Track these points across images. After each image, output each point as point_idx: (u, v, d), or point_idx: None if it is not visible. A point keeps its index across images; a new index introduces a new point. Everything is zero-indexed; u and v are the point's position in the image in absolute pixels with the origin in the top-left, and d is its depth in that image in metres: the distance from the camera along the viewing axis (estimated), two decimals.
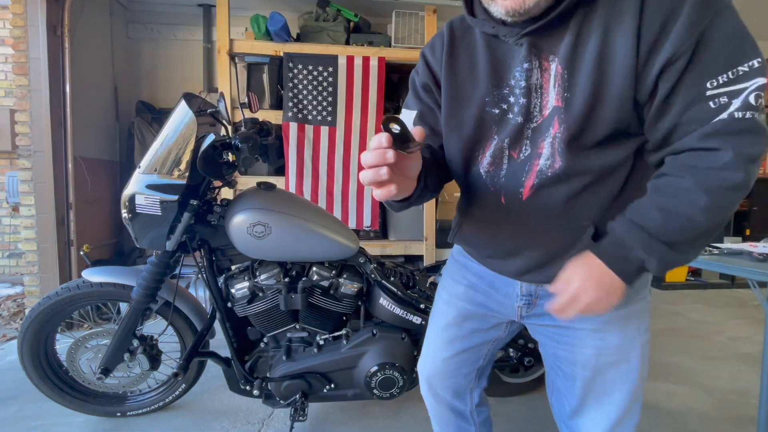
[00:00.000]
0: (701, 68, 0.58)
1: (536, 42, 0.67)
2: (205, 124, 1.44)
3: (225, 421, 1.71)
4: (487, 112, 0.73)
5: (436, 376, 0.96)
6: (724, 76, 0.57)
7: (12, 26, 2.56)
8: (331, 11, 2.99)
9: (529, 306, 0.83)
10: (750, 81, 0.57)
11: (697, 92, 0.59)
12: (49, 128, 2.60)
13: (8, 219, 3.64)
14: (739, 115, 0.57)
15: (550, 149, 0.68)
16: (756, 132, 0.57)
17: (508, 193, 0.74)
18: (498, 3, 0.64)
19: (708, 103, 0.58)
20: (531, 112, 0.69)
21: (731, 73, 0.57)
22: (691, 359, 2.35)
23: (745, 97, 0.57)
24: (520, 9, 0.62)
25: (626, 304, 0.76)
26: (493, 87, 0.72)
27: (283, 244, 1.42)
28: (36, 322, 1.54)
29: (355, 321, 1.58)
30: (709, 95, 0.58)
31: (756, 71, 0.57)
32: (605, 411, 0.78)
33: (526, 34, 0.66)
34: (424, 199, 0.78)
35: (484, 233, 0.82)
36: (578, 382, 0.79)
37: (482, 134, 0.75)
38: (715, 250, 1.56)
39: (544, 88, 0.67)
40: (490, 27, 0.70)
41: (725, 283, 3.90)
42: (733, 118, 0.57)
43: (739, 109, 0.57)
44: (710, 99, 0.58)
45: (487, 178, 0.76)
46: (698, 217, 0.60)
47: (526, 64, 0.68)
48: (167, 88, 3.86)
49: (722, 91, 0.57)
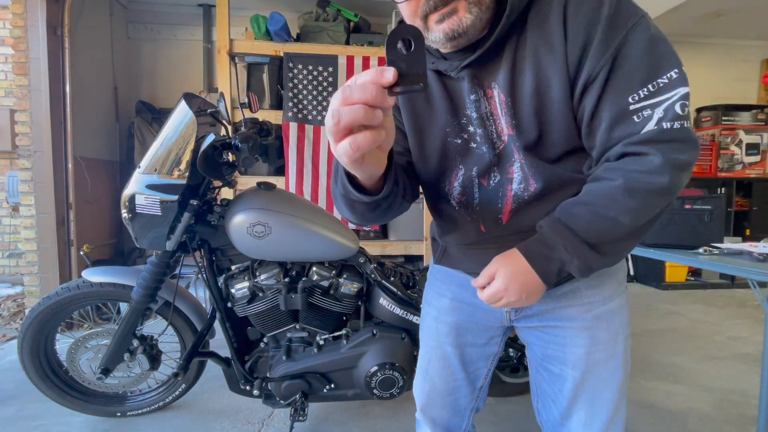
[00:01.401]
0: (622, 84, 0.59)
1: (476, 73, 0.67)
2: (205, 124, 1.44)
3: (225, 421, 1.71)
4: (450, 142, 0.73)
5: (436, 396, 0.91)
6: (645, 90, 0.58)
7: (12, 26, 2.56)
8: (331, 11, 2.99)
9: (518, 309, 0.82)
10: (672, 91, 0.57)
11: (619, 108, 0.59)
12: (49, 128, 2.60)
13: (8, 219, 3.64)
14: (667, 125, 0.57)
15: (521, 173, 0.69)
16: (685, 141, 0.58)
17: (486, 221, 0.74)
18: (434, 30, 0.62)
19: (632, 117, 0.59)
20: (491, 139, 0.69)
21: (651, 86, 0.58)
22: (691, 359, 2.35)
23: (670, 106, 0.57)
24: (458, 29, 0.61)
25: (613, 298, 0.77)
26: (452, 117, 0.72)
27: (283, 244, 1.42)
28: (36, 322, 1.54)
29: (355, 321, 1.58)
30: (632, 110, 0.59)
31: (676, 81, 0.58)
32: (596, 413, 0.77)
33: (465, 67, 0.66)
34: (394, 204, 0.69)
35: (471, 255, 0.81)
36: (568, 383, 0.78)
37: (447, 165, 0.75)
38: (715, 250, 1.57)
39: (495, 115, 0.68)
40: (430, 63, 0.70)
41: (725, 283, 3.90)
42: (662, 128, 0.58)
43: (667, 120, 0.57)
44: (634, 113, 0.59)
45: (461, 208, 0.76)
46: (623, 218, 0.60)
47: (473, 95, 0.68)
48: (167, 88, 3.86)
49: (645, 104, 0.58)
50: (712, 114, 4.22)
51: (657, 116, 0.58)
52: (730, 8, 3.63)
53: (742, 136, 4.04)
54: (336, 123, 0.41)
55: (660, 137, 0.58)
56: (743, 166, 4.05)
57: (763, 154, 4.07)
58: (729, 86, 4.59)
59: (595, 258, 0.63)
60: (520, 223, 0.72)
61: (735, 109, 4.15)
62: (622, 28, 0.58)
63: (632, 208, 0.60)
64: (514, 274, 0.66)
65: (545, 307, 0.79)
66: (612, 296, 0.77)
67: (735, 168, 4.05)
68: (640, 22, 0.59)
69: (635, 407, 1.85)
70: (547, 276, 0.65)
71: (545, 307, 0.79)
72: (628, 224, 0.61)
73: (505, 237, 0.74)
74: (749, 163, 4.06)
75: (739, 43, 4.50)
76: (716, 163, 3.99)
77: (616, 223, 0.61)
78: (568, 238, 0.63)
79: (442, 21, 0.61)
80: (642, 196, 0.60)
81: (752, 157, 4.06)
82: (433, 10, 0.60)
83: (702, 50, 4.50)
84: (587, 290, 0.76)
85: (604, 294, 0.76)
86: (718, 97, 4.44)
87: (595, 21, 0.59)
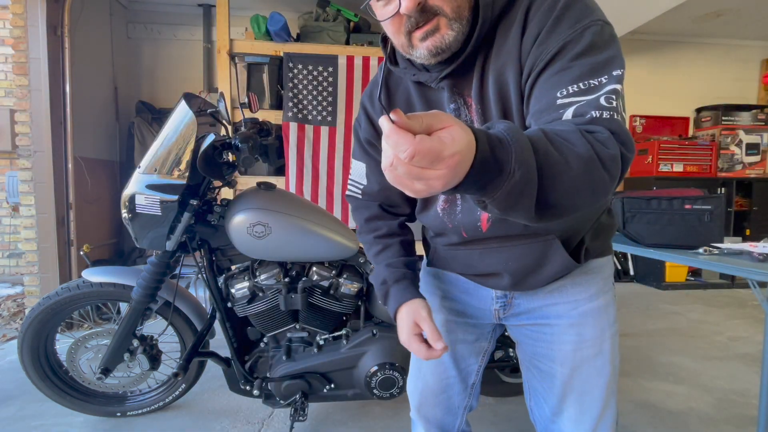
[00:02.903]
0: (554, 79, 0.58)
1: (454, 83, 0.69)
2: (205, 124, 1.44)
3: (225, 421, 1.71)
4: None
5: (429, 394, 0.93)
6: (575, 86, 0.56)
7: (12, 26, 2.56)
8: (331, 11, 2.99)
9: (506, 307, 0.84)
10: (601, 91, 0.55)
11: (546, 101, 0.58)
12: (49, 128, 2.60)
13: (8, 219, 3.64)
14: (596, 114, 0.54)
15: None
16: (617, 132, 0.53)
17: (468, 228, 0.76)
18: (418, 48, 0.64)
19: (558, 111, 0.56)
20: None
21: (582, 84, 0.56)
22: (691, 359, 2.35)
23: (595, 98, 0.54)
24: (441, 45, 0.63)
25: (599, 296, 0.78)
26: None
27: (283, 244, 1.42)
28: (36, 322, 1.54)
29: (355, 321, 1.58)
30: (558, 104, 0.57)
31: (611, 80, 0.55)
32: (586, 409, 0.78)
33: (444, 78, 0.68)
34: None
35: (457, 256, 0.83)
36: (557, 381, 0.80)
37: None
38: (715, 250, 1.57)
39: (474, 123, 0.69)
40: (412, 74, 0.72)
41: (725, 283, 3.90)
42: (593, 117, 0.54)
43: (593, 108, 0.54)
44: (560, 108, 0.56)
45: (444, 216, 0.78)
46: (573, 162, 0.49)
47: (453, 105, 0.70)
48: (167, 88, 3.86)
49: (572, 100, 0.56)
50: (712, 114, 4.22)
51: (579, 104, 0.55)
52: (730, 8, 3.63)
53: (742, 136, 4.04)
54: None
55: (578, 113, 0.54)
56: (743, 166, 4.05)
57: (763, 154, 4.07)
58: (729, 86, 4.59)
59: (532, 187, 0.47)
60: (498, 231, 0.73)
61: (735, 109, 4.15)
62: (567, 27, 0.58)
63: (585, 158, 0.50)
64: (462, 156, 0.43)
65: (533, 305, 0.81)
66: (598, 294, 0.78)
67: (735, 168, 4.05)
68: (591, 25, 0.58)
69: (635, 407, 1.85)
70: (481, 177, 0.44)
71: (533, 305, 0.81)
72: (575, 172, 0.49)
73: (487, 240, 0.76)
74: (749, 163, 4.06)
75: (739, 43, 4.50)
76: (716, 163, 3.99)
77: (567, 164, 0.49)
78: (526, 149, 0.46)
79: (426, 39, 0.62)
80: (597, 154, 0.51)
81: (752, 157, 4.06)
82: (415, 27, 0.62)
83: (702, 50, 4.50)
84: (573, 288, 0.78)
85: (590, 291, 0.78)
86: (718, 97, 4.44)
87: (546, 19, 0.60)
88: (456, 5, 0.61)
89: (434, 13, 0.61)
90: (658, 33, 4.33)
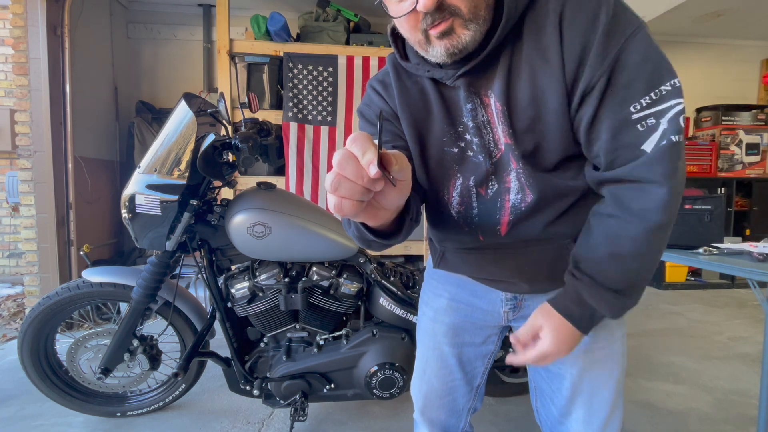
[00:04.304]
0: (623, 93, 0.58)
1: (472, 82, 0.67)
2: (205, 124, 1.44)
3: (225, 421, 1.71)
4: (446, 151, 0.72)
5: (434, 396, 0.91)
6: (647, 98, 0.57)
7: (12, 26, 2.56)
8: (331, 11, 2.99)
9: (515, 309, 0.82)
10: (673, 100, 0.57)
11: (622, 117, 0.59)
12: (49, 128, 2.60)
13: (8, 219, 3.64)
14: (675, 139, 0.57)
15: (517, 183, 0.69)
16: (682, 156, 0.59)
17: (485, 232, 0.74)
18: (436, 45, 0.62)
19: (636, 126, 0.58)
20: (488, 148, 0.69)
21: (654, 94, 0.57)
22: (691, 359, 2.35)
23: (674, 117, 0.57)
24: (459, 45, 0.61)
25: None
26: (448, 126, 0.71)
27: (283, 244, 1.42)
28: (36, 322, 1.54)
29: (355, 321, 1.58)
30: (635, 119, 0.58)
31: (676, 91, 0.57)
32: (595, 410, 0.78)
33: (461, 76, 0.66)
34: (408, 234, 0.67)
35: (469, 260, 0.81)
36: (566, 382, 0.79)
37: (445, 174, 0.74)
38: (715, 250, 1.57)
39: (492, 123, 0.67)
40: (425, 71, 0.69)
41: (725, 283, 3.90)
42: (672, 142, 0.57)
43: (673, 132, 0.57)
44: (637, 122, 0.58)
45: (459, 218, 0.76)
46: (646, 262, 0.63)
47: (469, 104, 0.68)
48: (167, 88, 3.86)
49: (648, 112, 0.58)
50: (712, 114, 4.21)
51: (662, 127, 0.57)
52: (730, 8, 3.63)
53: (742, 136, 4.04)
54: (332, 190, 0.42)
55: (669, 154, 0.58)
56: (743, 166, 4.05)
57: (763, 154, 4.07)
58: (729, 86, 4.59)
59: (623, 301, 0.64)
60: (518, 234, 0.72)
61: (735, 109, 4.15)
62: (620, 37, 0.57)
63: (653, 250, 0.62)
64: (557, 335, 0.66)
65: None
66: None
67: (735, 168, 4.05)
68: (639, 31, 0.58)
69: (635, 407, 1.85)
70: (587, 327, 0.67)
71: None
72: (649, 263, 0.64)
73: (503, 246, 0.75)
74: (749, 163, 4.06)
75: (739, 43, 4.50)
76: (716, 163, 3.99)
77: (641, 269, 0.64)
78: (597, 292, 0.64)
79: (442, 38, 0.61)
80: (659, 235, 0.61)
81: (752, 157, 4.06)
82: (431, 25, 0.60)
83: (702, 50, 4.50)
84: None
85: None
86: (718, 97, 4.44)
87: (592, 29, 0.58)
88: (473, 5, 0.59)
89: (450, 13, 0.59)
90: (658, 33, 4.32)
